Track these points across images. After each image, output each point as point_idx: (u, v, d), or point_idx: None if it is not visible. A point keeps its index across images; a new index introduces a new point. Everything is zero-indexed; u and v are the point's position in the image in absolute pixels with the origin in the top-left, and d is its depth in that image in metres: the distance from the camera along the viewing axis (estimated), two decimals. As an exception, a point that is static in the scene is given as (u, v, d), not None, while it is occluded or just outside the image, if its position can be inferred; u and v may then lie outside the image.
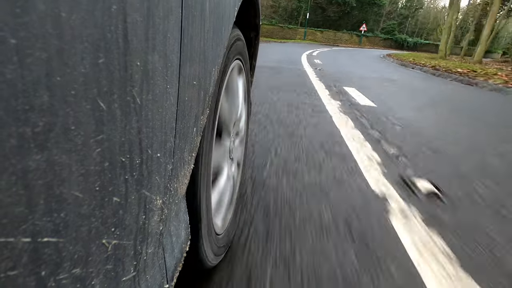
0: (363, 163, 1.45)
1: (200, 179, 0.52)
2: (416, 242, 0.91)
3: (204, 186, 0.55)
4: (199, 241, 0.55)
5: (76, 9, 0.18)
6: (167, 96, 0.31)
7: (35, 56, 0.16)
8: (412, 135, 1.98)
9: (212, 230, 0.62)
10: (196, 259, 0.57)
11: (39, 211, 0.18)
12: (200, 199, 0.53)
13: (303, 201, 1.07)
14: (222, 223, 0.73)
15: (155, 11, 0.26)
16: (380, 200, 1.13)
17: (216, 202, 0.69)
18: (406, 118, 2.39)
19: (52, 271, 0.19)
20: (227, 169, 0.76)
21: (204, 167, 0.54)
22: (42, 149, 0.17)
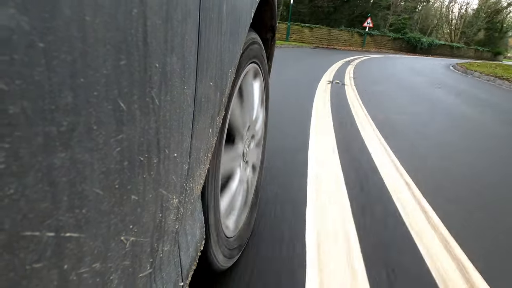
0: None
1: (208, 181, 0.52)
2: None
3: (212, 188, 0.55)
4: (207, 243, 0.55)
5: (100, 13, 0.18)
6: (184, 97, 0.32)
7: (61, 58, 0.16)
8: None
9: (221, 233, 0.62)
10: (205, 261, 0.57)
11: (63, 207, 0.18)
12: (207, 201, 0.53)
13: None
14: (234, 226, 0.73)
15: (173, 14, 0.27)
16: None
17: (226, 205, 0.68)
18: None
19: (74, 265, 0.20)
20: (240, 172, 0.76)
21: (212, 169, 0.54)
22: (66, 148, 0.18)
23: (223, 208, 0.66)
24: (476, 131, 2.47)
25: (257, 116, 0.86)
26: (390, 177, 1.37)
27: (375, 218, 1.05)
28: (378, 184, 1.30)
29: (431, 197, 1.23)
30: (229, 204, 0.71)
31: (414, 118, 2.57)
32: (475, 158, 1.83)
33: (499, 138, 2.38)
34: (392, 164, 1.52)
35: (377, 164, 1.49)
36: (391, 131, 2.10)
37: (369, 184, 1.29)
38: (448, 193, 1.31)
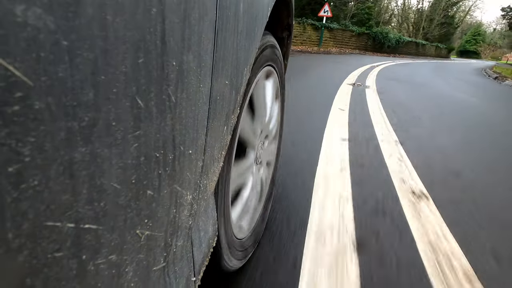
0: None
1: (218, 183, 0.52)
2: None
3: (224, 188, 0.55)
4: (216, 246, 0.54)
5: (120, 12, 0.19)
6: (200, 95, 0.32)
7: (83, 56, 0.17)
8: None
9: (232, 235, 0.62)
10: (214, 262, 0.57)
11: (82, 200, 0.19)
12: (218, 202, 0.52)
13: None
14: (247, 227, 0.72)
15: (191, 12, 0.27)
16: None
17: (237, 205, 0.68)
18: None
19: (92, 256, 0.21)
20: (252, 177, 0.75)
21: (225, 168, 0.53)
22: (86, 143, 0.18)
23: (235, 209, 0.66)
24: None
25: (271, 115, 0.86)
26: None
27: (362, 125, 2.21)
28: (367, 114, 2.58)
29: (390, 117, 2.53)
30: (241, 205, 0.70)
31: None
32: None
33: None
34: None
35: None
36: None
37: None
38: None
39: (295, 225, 0.95)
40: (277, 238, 0.88)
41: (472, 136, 2.32)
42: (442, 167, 1.57)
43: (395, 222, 1.03)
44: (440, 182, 1.39)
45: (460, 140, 2.12)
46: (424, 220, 1.06)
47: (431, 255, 0.88)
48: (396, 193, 1.23)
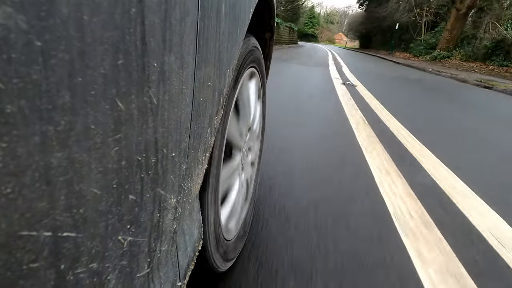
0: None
1: (209, 181, 0.52)
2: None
3: (213, 189, 0.55)
4: (206, 246, 0.54)
5: (97, 12, 0.18)
6: (183, 96, 0.32)
7: (58, 57, 0.16)
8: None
9: (220, 236, 0.62)
10: (204, 264, 0.57)
11: (60, 207, 0.18)
12: (207, 203, 0.53)
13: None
14: (234, 227, 0.72)
15: (172, 13, 0.27)
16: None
17: (225, 206, 0.68)
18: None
19: (71, 265, 0.20)
20: (238, 178, 0.75)
21: (213, 169, 0.53)
22: (63, 147, 0.18)
23: (223, 210, 0.66)
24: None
25: (254, 115, 0.86)
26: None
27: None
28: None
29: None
30: (228, 206, 0.70)
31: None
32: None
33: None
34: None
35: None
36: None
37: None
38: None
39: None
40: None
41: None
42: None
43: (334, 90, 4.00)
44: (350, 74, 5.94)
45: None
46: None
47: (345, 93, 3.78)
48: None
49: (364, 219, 1.02)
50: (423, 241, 0.93)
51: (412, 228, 1.00)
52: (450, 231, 1.00)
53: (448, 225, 1.03)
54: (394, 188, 1.26)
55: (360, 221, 1.00)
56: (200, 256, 0.55)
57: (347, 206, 1.09)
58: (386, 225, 1.00)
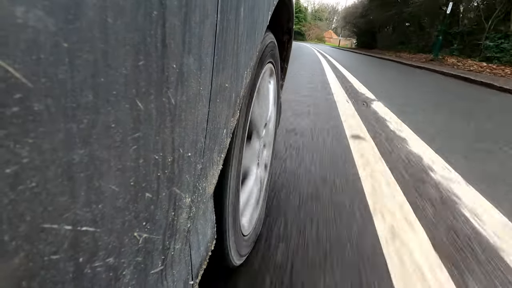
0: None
1: (230, 180, 0.53)
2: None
3: (234, 187, 0.55)
4: (224, 242, 0.56)
5: (121, 14, 0.19)
6: (200, 97, 0.32)
7: (83, 58, 0.17)
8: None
9: (239, 232, 0.63)
10: (222, 260, 0.58)
11: (80, 202, 0.19)
12: (228, 200, 0.54)
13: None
14: (249, 224, 0.73)
15: (192, 15, 0.27)
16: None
17: (243, 203, 0.69)
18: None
19: (89, 259, 0.20)
20: (255, 170, 0.77)
21: (234, 169, 0.54)
22: (85, 145, 0.18)
23: (241, 206, 0.67)
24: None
25: (270, 116, 0.87)
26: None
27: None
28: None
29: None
30: (246, 203, 0.72)
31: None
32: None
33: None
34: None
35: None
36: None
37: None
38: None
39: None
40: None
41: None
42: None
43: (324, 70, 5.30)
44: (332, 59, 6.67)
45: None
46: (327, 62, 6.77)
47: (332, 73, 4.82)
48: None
49: (323, 101, 2.87)
50: (340, 97, 3.13)
51: (341, 100, 2.97)
52: (351, 94, 3.33)
53: (351, 94, 3.37)
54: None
55: (321, 99, 2.92)
56: (219, 253, 0.56)
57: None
58: (333, 104, 2.78)
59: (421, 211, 1.07)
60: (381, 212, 1.03)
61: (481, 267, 0.82)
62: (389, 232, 0.93)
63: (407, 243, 0.89)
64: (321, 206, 1.05)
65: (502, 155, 1.82)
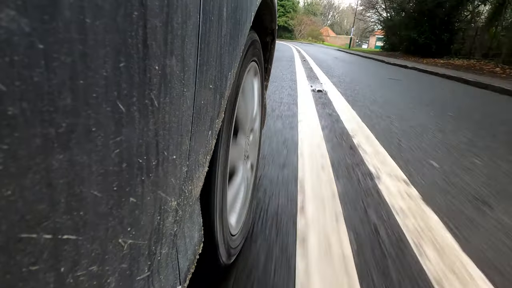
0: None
1: (217, 181, 0.53)
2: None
3: (220, 188, 0.55)
4: (214, 243, 0.55)
5: (100, 15, 0.18)
6: (184, 99, 0.32)
7: (61, 60, 0.16)
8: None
9: (227, 231, 0.63)
10: (211, 261, 0.58)
11: (60, 209, 0.18)
12: (216, 200, 0.53)
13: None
14: (237, 223, 0.74)
15: (174, 16, 0.27)
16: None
17: (231, 203, 0.69)
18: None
19: (71, 268, 0.20)
20: (242, 170, 0.77)
21: (220, 170, 0.54)
22: (64, 149, 0.18)
23: (229, 206, 0.67)
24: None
25: (256, 115, 0.87)
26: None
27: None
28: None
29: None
30: (233, 202, 0.72)
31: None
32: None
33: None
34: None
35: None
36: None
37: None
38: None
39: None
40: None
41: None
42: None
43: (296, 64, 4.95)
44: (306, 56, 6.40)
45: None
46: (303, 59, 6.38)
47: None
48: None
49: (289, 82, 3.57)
50: (301, 72, 4.78)
51: (302, 79, 4.04)
52: (306, 71, 4.63)
53: (309, 74, 4.54)
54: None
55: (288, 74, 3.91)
56: (210, 254, 0.56)
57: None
58: (294, 77, 4.26)
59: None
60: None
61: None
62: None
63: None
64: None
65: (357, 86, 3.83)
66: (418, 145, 1.85)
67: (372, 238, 0.93)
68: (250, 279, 0.73)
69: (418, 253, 0.88)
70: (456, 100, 3.83)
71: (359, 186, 1.25)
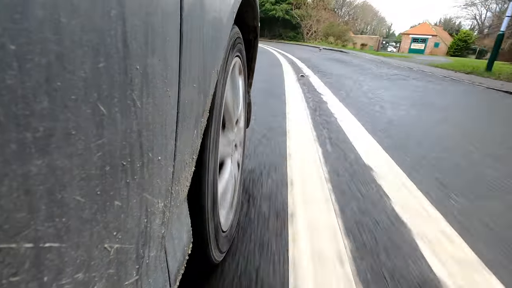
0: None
1: (208, 180, 0.53)
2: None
3: (211, 186, 0.55)
4: (205, 241, 0.55)
5: (75, 14, 0.18)
6: (167, 99, 0.31)
7: (35, 61, 0.16)
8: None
9: (219, 228, 0.63)
10: (204, 258, 0.58)
11: (41, 216, 0.18)
12: (207, 198, 0.53)
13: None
14: (226, 220, 0.74)
15: (154, 15, 0.27)
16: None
17: (220, 201, 0.70)
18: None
19: (55, 276, 0.19)
20: (230, 166, 0.77)
21: (211, 168, 0.54)
22: (43, 154, 0.17)
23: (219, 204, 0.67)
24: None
25: (240, 112, 0.87)
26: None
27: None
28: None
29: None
30: (223, 200, 0.72)
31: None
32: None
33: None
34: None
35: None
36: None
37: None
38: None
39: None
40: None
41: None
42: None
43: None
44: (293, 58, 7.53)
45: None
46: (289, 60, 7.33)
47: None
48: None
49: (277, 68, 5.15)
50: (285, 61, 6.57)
51: (285, 64, 6.17)
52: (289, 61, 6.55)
53: (290, 61, 6.83)
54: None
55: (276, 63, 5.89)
56: (201, 252, 0.56)
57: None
58: (280, 67, 5.51)
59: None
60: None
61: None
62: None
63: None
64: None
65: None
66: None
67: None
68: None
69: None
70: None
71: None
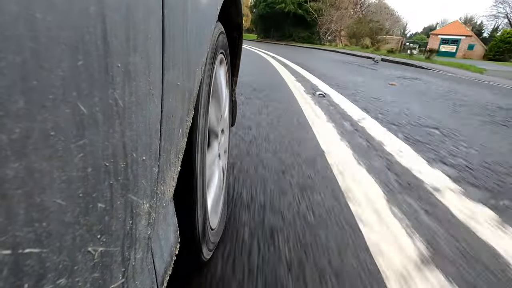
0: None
1: (197, 179, 0.52)
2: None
3: (201, 183, 0.55)
4: (195, 240, 0.55)
5: (51, 10, 0.17)
6: (150, 98, 0.31)
7: (8, 59, 0.15)
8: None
9: (208, 226, 0.63)
10: (194, 257, 0.58)
11: (19, 222, 0.17)
12: (197, 196, 0.53)
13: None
14: (214, 216, 0.74)
15: (135, 11, 0.26)
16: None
17: (210, 195, 0.70)
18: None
19: (36, 283, 0.18)
20: (216, 161, 0.77)
21: (199, 166, 0.54)
22: (20, 157, 0.16)
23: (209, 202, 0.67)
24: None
25: (224, 109, 0.87)
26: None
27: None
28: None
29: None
30: (212, 197, 0.72)
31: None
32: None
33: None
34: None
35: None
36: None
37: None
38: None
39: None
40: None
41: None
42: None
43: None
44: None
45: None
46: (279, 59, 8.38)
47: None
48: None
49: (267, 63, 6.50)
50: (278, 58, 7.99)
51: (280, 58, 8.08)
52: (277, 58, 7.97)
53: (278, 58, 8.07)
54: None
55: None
56: (192, 250, 0.56)
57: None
58: (269, 61, 7.08)
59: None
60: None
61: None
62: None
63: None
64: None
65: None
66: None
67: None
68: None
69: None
70: None
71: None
